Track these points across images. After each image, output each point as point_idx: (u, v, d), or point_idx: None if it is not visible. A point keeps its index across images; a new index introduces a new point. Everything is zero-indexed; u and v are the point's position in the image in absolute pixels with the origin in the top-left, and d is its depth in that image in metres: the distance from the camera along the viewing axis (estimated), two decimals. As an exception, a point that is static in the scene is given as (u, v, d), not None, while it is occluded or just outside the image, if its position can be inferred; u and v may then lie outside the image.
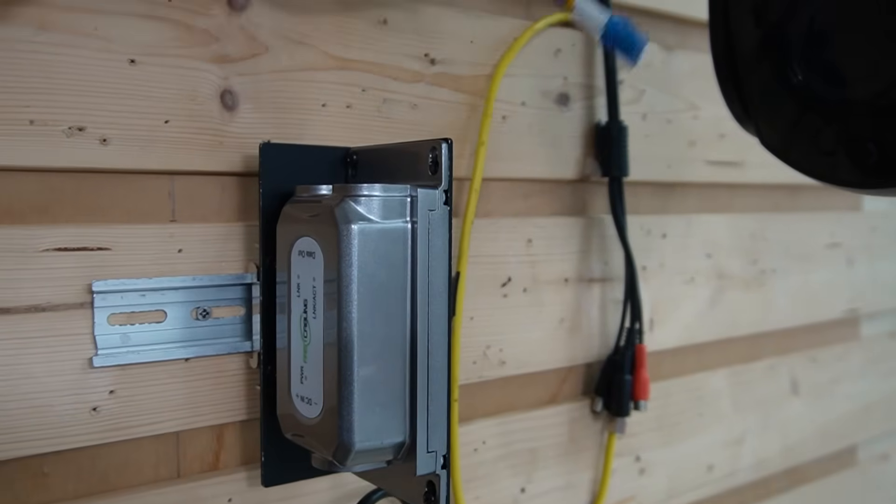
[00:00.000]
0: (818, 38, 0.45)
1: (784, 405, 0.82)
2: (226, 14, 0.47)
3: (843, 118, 0.46)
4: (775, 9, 0.46)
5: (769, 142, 0.49)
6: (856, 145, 0.46)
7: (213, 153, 0.47)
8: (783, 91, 0.47)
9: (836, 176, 0.47)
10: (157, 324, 0.46)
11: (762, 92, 0.48)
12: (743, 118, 0.51)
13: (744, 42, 0.48)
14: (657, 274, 0.70)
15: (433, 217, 0.43)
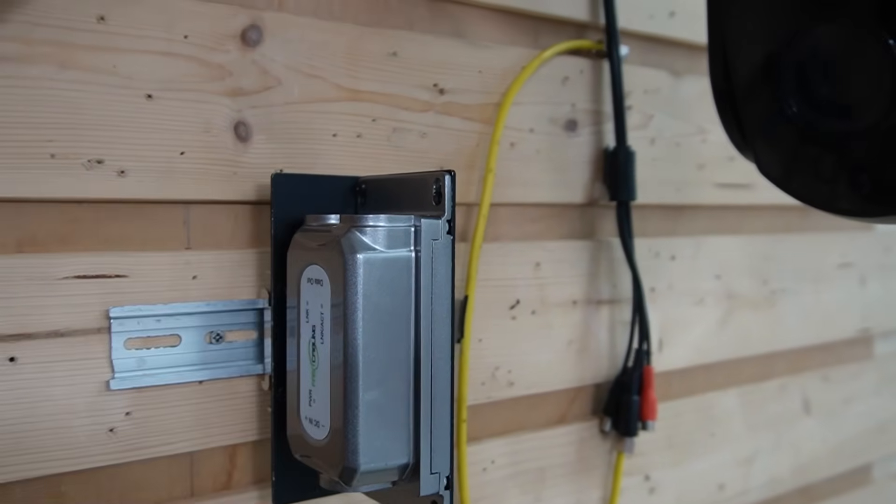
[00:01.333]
0: (812, 71, 0.46)
1: (796, 424, 0.83)
2: (240, 49, 0.49)
3: (839, 149, 0.46)
4: (770, 41, 0.47)
5: (768, 170, 0.50)
6: (851, 175, 0.46)
7: (227, 183, 0.49)
8: (779, 121, 0.48)
9: (836, 205, 0.48)
10: (171, 348, 0.48)
11: (759, 122, 0.49)
12: (742, 146, 0.52)
13: (741, 73, 0.49)
14: (666, 295, 0.71)
15: (437, 246, 0.44)
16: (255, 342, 0.51)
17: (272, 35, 0.50)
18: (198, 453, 0.50)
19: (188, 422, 0.48)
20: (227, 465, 0.51)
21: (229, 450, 0.51)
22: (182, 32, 0.47)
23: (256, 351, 0.51)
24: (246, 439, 0.51)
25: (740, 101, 0.50)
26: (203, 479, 0.50)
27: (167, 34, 0.47)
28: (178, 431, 0.48)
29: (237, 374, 0.50)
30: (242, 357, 0.50)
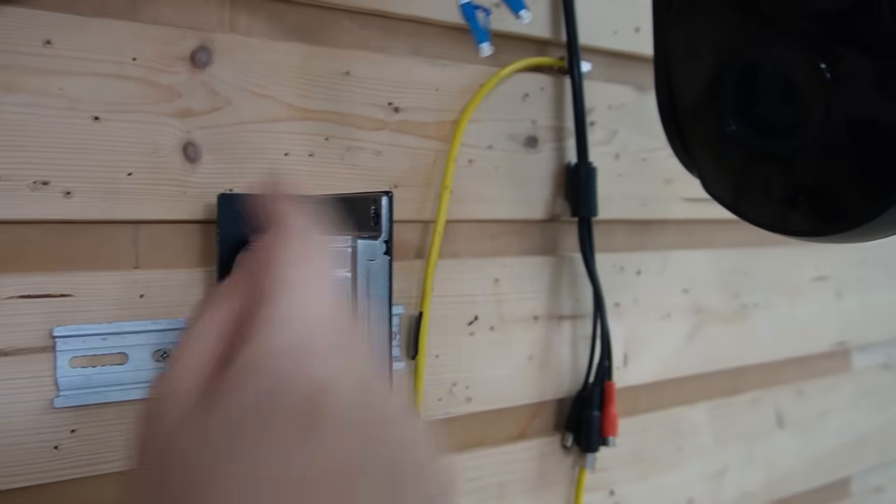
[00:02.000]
0: (751, 91, 0.46)
1: (769, 438, 0.82)
2: (189, 71, 0.50)
3: (778, 169, 0.47)
4: (712, 60, 0.47)
5: (713, 189, 0.50)
6: (791, 196, 0.47)
7: (175, 203, 0.50)
8: (721, 140, 0.48)
9: (778, 225, 0.48)
10: (118, 366, 0.48)
11: (702, 140, 0.50)
12: (688, 164, 0.52)
13: (683, 91, 0.50)
14: (631, 310, 0.71)
15: (373, 266, 0.45)
16: (205, 360, 0.51)
17: (222, 56, 0.51)
18: (146, 470, 0.50)
19: (136, 439, 0.49)
20: (176, 481, 0.51)
21: (179, 466, 0.51)
22: (130, 55, 0.48)
23: (205, 368, 0.51)
24: (196, 456, 0.51)
25: (683, 120, 0.50)
26: (152, 495, 0.50)
27: (115, 57, 0.48)
28: (126, 449, 0.49)
29: (185, 392, 0.50)
30: (191, 374, 0.51)
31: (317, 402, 0.28)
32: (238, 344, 0.30)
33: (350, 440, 0.28)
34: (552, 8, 0.65)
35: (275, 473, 0.26)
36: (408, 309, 0.58)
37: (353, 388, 0.29)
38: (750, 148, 0.47)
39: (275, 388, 0.28)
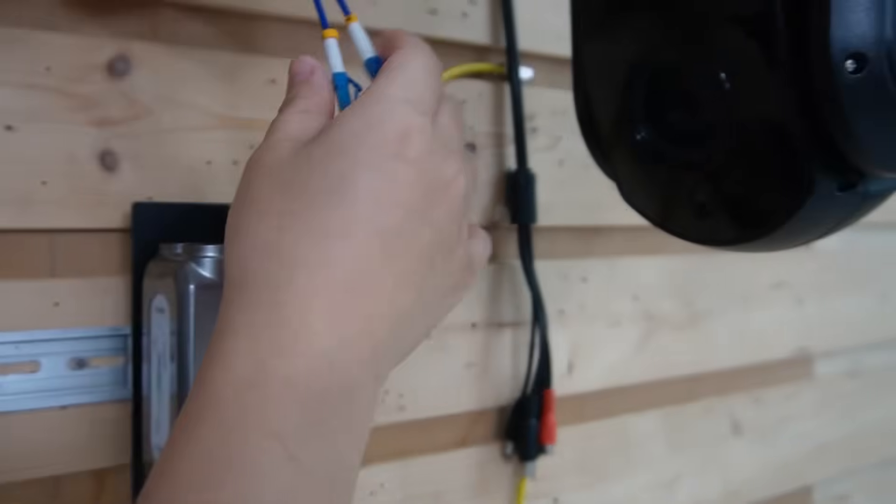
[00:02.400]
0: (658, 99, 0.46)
1: (724, 446, 0.82)
2: (106, 80, 0.50)
3: (688, 177, 0.46)
4: (622, 67, 0.47)
5: (629, 197, 0.50)
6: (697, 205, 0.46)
7: (93, 211, 0.50)
8: (633, 148, 0.48)
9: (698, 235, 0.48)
10: (31, 374, 0.48)
11: (617, 148, 0.49)
12: (609, 172, 0.52)
13: (597, 99, 0.49)
14: (577, 317, 0.70)
15: (275, 277, 0.45)
16: (122, 368, 0.51)
17: (141, 65, 0.51)
18: (63, 477, 0.50)
19: (52, 446, 0.49)
20: (94, 488, 0.51)
21: (97, 474, 0.51)
22: (44, 65, 0.48)
23: (123, 377, 0.51)
24: (116, 462, 0.51)
25: (599, 128, 0.50)
26: (70, 502, 0.51)
27: (28, 67, 0.48)
28: (41, 455, 0.49)
29: (102, 400, 0.50)
30: (109, 382, 0.51)
31: (404, 141, 0.36)
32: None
33: (418, 186, 0.36)
34: (492, 14, 0.65)
35: (364, 181, 0.35)
36: (337, 317, 0.58)
37: (430, 147, 0.37)
38: (661, 156, 0.47)
39: (374, 122, 0.37)
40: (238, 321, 0.35)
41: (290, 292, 0.34)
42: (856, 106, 0.39)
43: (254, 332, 0.34)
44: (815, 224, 0.44)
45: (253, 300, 0.35)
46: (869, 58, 0.39)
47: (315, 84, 0.41)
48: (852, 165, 0.42)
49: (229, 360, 0.33)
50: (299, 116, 0.39)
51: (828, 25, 0.39)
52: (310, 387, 0.33)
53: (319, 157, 0.36)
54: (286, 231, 0.35)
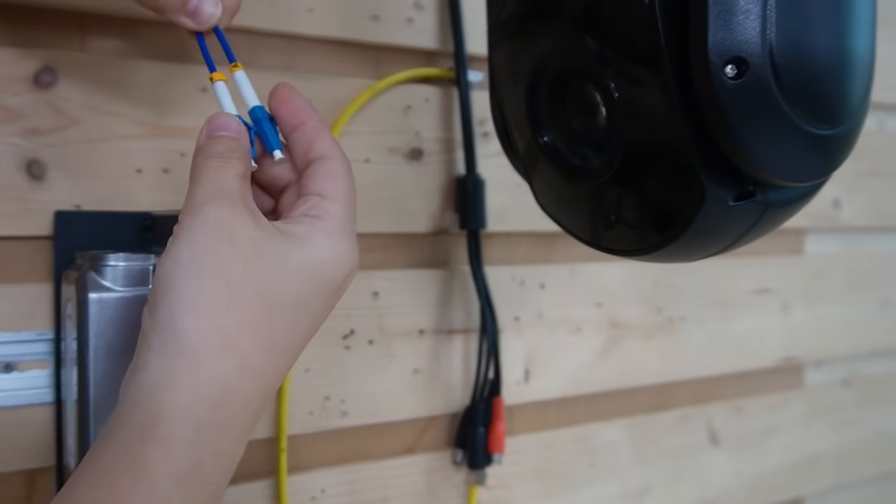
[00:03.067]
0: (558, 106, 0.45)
1: (701, 457, 0.80)
2: (31, 91, 0.51)
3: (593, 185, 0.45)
4: (525, 73, 0.46)
5: (542, 203, 0.49)
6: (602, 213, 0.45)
7: (20, 219, 0.51)
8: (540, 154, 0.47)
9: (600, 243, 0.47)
10: (-43, 377, 0.50)
11: (525, 154, 0.49)
12: (525, 178, 0.51)
13: (509, 107, 0.49)
14: (534, 324, 0.70)
15: (176, 285, 0.45)
16: (51, 372, 0.52)
17: (67, 76, 0.52)
18: (-8, 477, 0.52)
19: (-21, 447, 0.51)
20: (26, 488, 0.53)
21: (28, 474, 0.53)
22: (-31, 77, 0.50)
23: (52, 380, 0.52)
24: (47, 463, 0.53)
25: (511, 133, 0.49)
26: (1, 502, 0.52)
27: (-47, 80, 0.49)
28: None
29: (30, 403, 0.52)
30: (38, 385, 0.52)
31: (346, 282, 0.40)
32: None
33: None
34: (440, 18, 0.65)
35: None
36: (274, 323, 0.59)
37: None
38: (565, 162, 0.46)
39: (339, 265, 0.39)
40: (152, 367, 0.35)
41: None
42: (738, 112, 0.38)
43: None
44: (718, 234, 0.43)
45: (170, 350, 0.35)
46: (750, 62, 0.37)
47: (245, 147, 0.41)
48: (746, 174, 0.41)
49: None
50: (242, 181, 0.39)
51: (706, 31, 0.37)
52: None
53: (296, 270, 0.37)
54: (232, 324, 0.36)
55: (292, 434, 0.59)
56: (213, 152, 0.40)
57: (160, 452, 0.33)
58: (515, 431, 0.70)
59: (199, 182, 0.38)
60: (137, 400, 0.35)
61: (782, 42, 0.37)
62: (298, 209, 0.40)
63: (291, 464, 0.59)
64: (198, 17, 0.44)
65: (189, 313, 0.35)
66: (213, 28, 0.44)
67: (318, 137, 0.42)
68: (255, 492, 0.59)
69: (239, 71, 0.44)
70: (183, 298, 0.35)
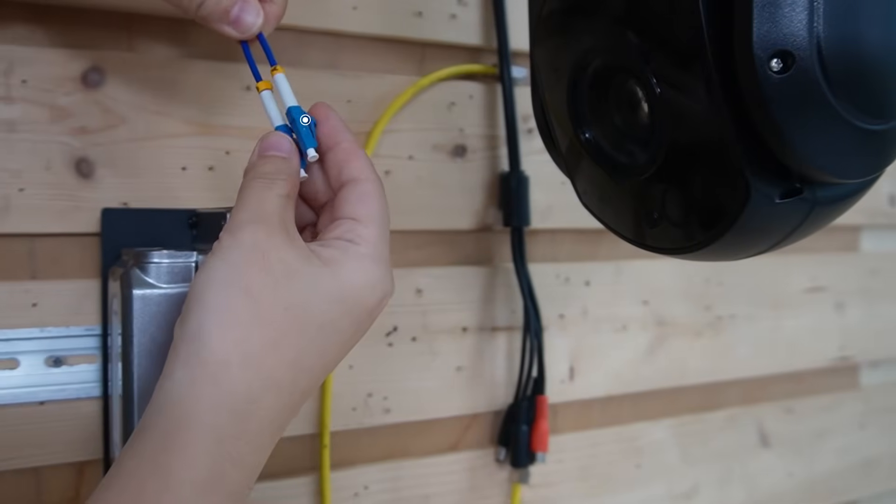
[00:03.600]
0: (600, 102, 0.45)
1: (751, 458, 0.78)
2: (80, 91, 0.52)
3: (637, 183, 0.45)
4: (566, 70, 0.46)
5: (584, 201, 0.49)
6: (644, 209, 0.45)
7: (69, 216, 0.52)
8: (583, 151, 0.46)
9: (644, 241, 0.46)
10: (10, 370, 0.51)
11: (567, 152, 0.48)
12: (569, 177, 0.50)
13: (551, 105, 0.48)
14: (578, 322, 0.69)
15: (218, 282, 0.46)
16: (99, 367, 0.53)
17: (115, 75, 0.53)
18: (44, 469, 0.53)
19: (31, 440, 0.52)
20: (75, 480, 0.54)
21: (77, 466, 0.54)
22: (20, 78, 0.51)
23: (100, 375, 0.53)
24: (96, 456, 0.54)
25: (553, 130, 0.49)
26: (50, 493, 0.53)
27: (5, 80, 0.50)
28: (21, 448, 0.52)
29: (78, 397, 0.53)
30: (87, 380, 0.53)
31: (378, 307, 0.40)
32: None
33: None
34: (483, 14, 0.64)
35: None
36: (317, 319, 0.59)
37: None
38: (608, 159, 0.45)
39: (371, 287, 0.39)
40: (177, 376, 0.36)
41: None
42: (784, 107, 0.37)
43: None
44: (764, 232, 0.42)
45: (195, 360, 0.36)
46: (796, 56, 0.36)
47: (294, 167, 0.41)
48: (794, 171, 0.39)
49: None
50: (285, 202, 0.39)
51: (750, 23, 0.36)
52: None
53: (326, 293, 0.38)
54: (257, 340, 0.36)
55: (335, 430, 0.60)
56: (260, 172, 0.40)
57: (182, 461, 0.34)
58: (559, 430, 0.69)
59: (242, 202, 0.39)
60: (163, 408, 0.36)
61: (831, 34, 0.36)
62: (332, 232, 0.40)
63: (334, 460, 0.60)
64: (240, 25, 0.44)
65: (216, 326, 0.36)
66: (257, 35, 0.45)
67: (351, 159, 0.42)
68: (297, 487, 0.59)
69: (279, 73, 0.45)
70: (212, 312, 0.36)
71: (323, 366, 0.39)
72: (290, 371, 0.37)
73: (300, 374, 0.38)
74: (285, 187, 0.40)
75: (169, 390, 0.36)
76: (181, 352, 0.36)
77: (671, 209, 0.43)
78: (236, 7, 0.44)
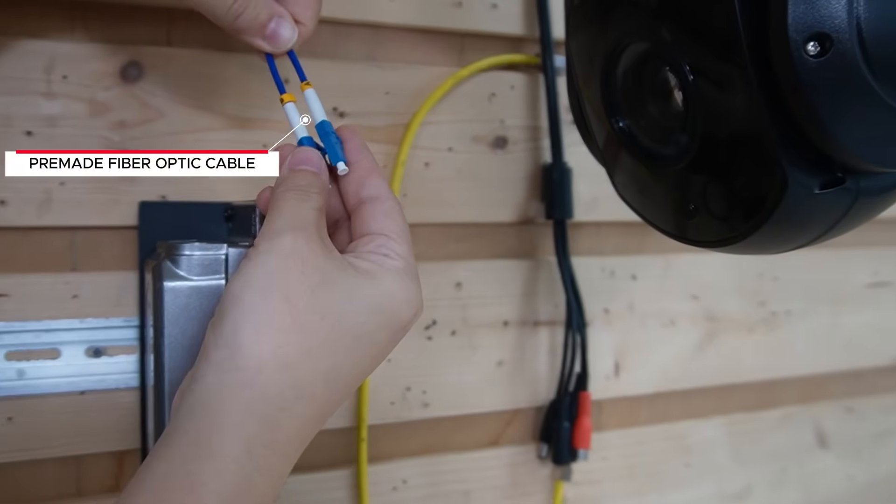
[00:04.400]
0: (634, 92, 0.43)
1: (806, 458, 0.75)
2: (119, 86, 0.53)
3: (673, 174, 0.43)
4: (600, 61, 0.44)
5: (622, 193, 0.47)
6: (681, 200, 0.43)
7: (110, 209, 0.53)
8: (616, 141, 0.45)
9: (684, 234, 0.45)
10: (51, 360, 0.52)
11: (602, 143, 0.47)
12: (606, 168, 0.49)
13: (586, 95, 0.47)
14: (624, 316, 0.67)
15: (247, 274, 0.46)
16: (138, 358, 0.54)
17: (153, 70, 0.54)
18: (84, 457, 0.54)
19: (72, 428, 0.53)
20: (114, 469, 0.55)
21: (116, 455, 0.55)
22: (61, 73, 0.52)
23: (138, 366, 0.54)
24: (135, 445, 0.55)
25: (588, 122, 0.47)
26: (90, 481, 0.54)
27: (46, 76, 0.51)
28: (62, 437, 0.53)
29: (117, 387, 0.54)
30: (125, 370, 0.54)
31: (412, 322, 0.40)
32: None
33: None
34: (525, 3, 0.63)
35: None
36: (354, 312, 0.59)
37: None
38: (644, 150, 0.44)
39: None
40: (209, 380, 0.36)
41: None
42: (821, 92, 0.35)
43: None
44: (805, 224, 0.40)
45: (229, 365, 0.36)
46: (834, 39, 0.34)
47: (325, 183, 0.41)
48: (835, 160, 0.37)
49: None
50: (318, 215, 0.39)
51: (785, 6, 0.35)
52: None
53: (363, 304, 0.37)
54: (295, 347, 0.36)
55: (373, 424, 0.59)
56: (294, 185, 0.40)
57: (212, 470, 0.33)
58: (604, 427, 0.68)
59: (278, 211, 0.39)
60: (192, 412, 0.35)
61: (872, 15, 0.34)
62: (366, 246, 0.40)
63: (372, 454, 0.60)
64: (275, 41, 0.44)
65: (252, 331, 0.35)
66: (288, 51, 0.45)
67: (370, 177, 0.42)
68: (335, 480, 0.59)
69: (309, 89, 0.45)
70: (248, 316, 0.36)
71: (356, 377, 0.38)
72: (323, 380, 0.36)
73: (333, 385, 0.37)
74: (318, 201, 0.39)
75: (198, 393, 0.36)
76: (213, 356, 0.36)
77: (706, 200, 0.42)
78: (273, 22, 0.44)
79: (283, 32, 0.44)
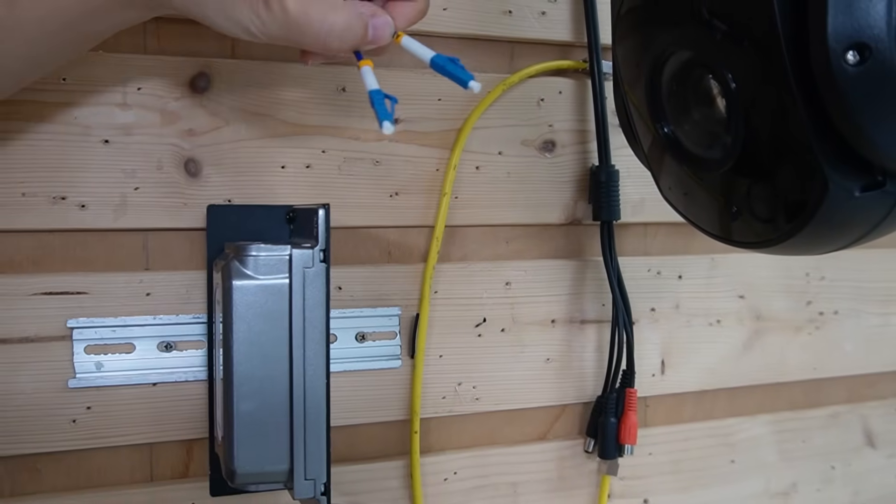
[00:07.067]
0: (678, 97, 0.45)
1: (854, 457, 0.76)
2: (189, 96, 0.56)
3: (716, 177, 0.45)
4: (644, 67, 0.46)
5: (667, 197, 0.49)
6: (726, 204, 0.44)
7: (179, 213, 0.56)
8: (663, 147, 0.47)
9: (729, 236, 0.46)
10: (126, 354, 0.56)
11: (649, 147, 0.48)
12: (652, 172, 0.51)
13: (631, 99, 0.48)
14: (670, 315, 0.69)
15: (309, 273, 0.48)
16: (205, 352, 0.57)
17: (220, 80, 0.57)
18: (156, 445, 0.57)
19: (145, 418, 0.56)
20: (184, 457, 0.58)
21: (186, 444, 0.58)
22: (136, 85, 0.55)
23: (206, 360, 0.57)
24: (203, 435, 0.58)
25: (634, 126, 0.49)
26: (161, 468, 0.58)
27: (122, 88, 0.55)
28: (136, 425, 0.56)
29: (187, 380, 0.57)
30: (195, 364, 0.57)
31: None
32: None
33: None
34: (574, 10, 0.65)
35: None
36: (409, 310, 0.61)
37: None
38: (688, 155, 0.46)
39: None
40: None
41: None
42: (861, 100, 0.36)
43: None
44: (846, 227, 0.41)
45: None
46: (873, 48, 0.36)
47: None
48: (875, 164, 0.39)
49: None
50: None
51: (825, 16, 0.36)
52: None
53: None
54: None
55: (425, 417, 0.62)
56: None
57: None
58: (650, 423, 0.69)
59: None
60: None
61: (910, 25, 0.36)
62: None
63: (424, 446, 0.62)
64: (379, 41, 0.47)
65: None
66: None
67: None
68: (390, 470, 0.62)
69: (366, 66, 0.47)
70: None
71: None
72: None
73: None
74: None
75: None
76: None
77: (749, 202, 0.43)
78: (369, 30, 0.46)
79: (384, 34, 0.47)
